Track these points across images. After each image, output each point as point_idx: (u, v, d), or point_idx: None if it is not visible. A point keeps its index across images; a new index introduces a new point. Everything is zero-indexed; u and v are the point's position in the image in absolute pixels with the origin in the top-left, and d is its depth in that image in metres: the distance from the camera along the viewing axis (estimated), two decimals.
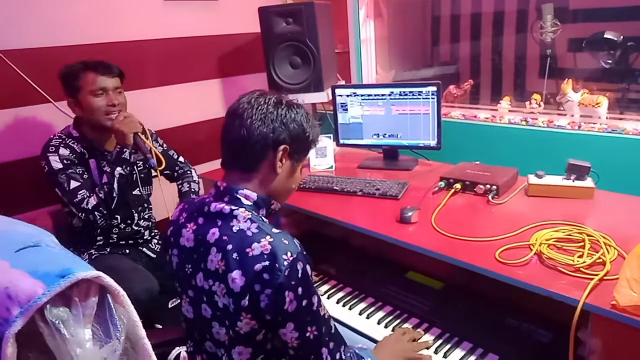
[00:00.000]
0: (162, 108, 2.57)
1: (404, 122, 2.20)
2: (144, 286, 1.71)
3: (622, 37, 2.51)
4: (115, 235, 1.97)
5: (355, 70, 2.82)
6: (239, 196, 1.09)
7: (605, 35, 2.49)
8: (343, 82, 2.73)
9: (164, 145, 2.15)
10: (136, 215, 2.03)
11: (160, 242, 2.15)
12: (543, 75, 2.79)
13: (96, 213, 1.77)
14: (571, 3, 2.90)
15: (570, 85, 2.13)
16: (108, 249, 1.96)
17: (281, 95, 1.14)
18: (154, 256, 2.08)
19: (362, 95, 2.25)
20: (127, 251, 2.00)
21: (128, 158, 1.80)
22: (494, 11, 3.28)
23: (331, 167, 2.27)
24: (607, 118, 2.01)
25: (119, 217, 1.94)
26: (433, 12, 3.46)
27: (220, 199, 1.11)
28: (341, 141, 2.36)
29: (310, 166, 2.28)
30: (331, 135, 2.34)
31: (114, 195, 1.77)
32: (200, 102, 2.75)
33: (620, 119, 2.01)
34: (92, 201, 1.76)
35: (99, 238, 1.94)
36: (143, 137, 1.87)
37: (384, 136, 2.27)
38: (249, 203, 1.09)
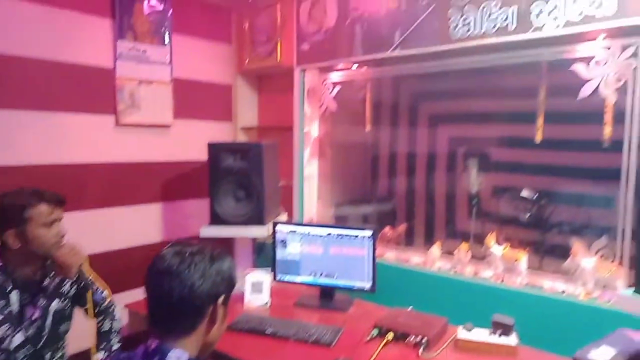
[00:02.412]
0: (97, 231, 2.50)
1: (340, 262, 2.25)
2: None
3: (536, 195, 2.82)
4: None
5: (297, 204, 2.92)
6: (170, 358, 1.03)
7: (522, 194, 2.79)
8: (285, 214, 2.80)
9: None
10: (49, 354, 1.82)
11: None
12: (472, 215, 3.02)
13: (19, 354, 1.58)
14: (494, 155, 3.26)
15: (493, 238, 2.30)
16: None
17: (207, 246, 1.15)
18: None
19: (301, 233, 2.30)
20: None
21: (68, 290, 1.69)
22: (427, 155, 3.61)
23: (266, 303, 2.23)
24: (527, 273, 2.15)
25: (46, 357, 1.74)
26: (373, 152, 3.75)
27: None
28: (278, 277, 2.35)
29: (244, 302, 2.23)
30: (269, 269, 2.34)
31: (44, 333, 1.61)
32: (137, 226, 2.70)
33: (539, 274, 2.15)
34: (17, 340, 1.58)
35: None
36: (86, 267, 1.77)
37: (320, 275, 2.29)
38: None
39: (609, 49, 1.86)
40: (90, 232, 2.44)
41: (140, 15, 2.60)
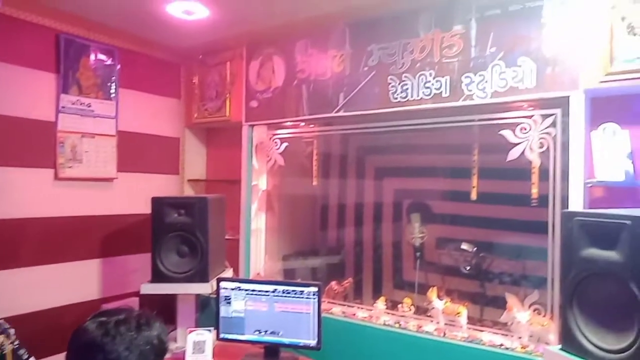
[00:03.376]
0: (31, 289, 2.37)
1: (286, 319, 2.22)
2: None
3: (475, 248, 2.94)
4: None
5: (244, 259, 2.89)
6: None
7: (462, 246, 2.90)
8: (231, 270, 2.76)
9: (16, 342, 1.91)
10: None
11: None
12: (417, 267, 3.10)
13: None
14: (435, 208, 3.40)
15: (435, 293, 2.37)
16: None
17: (134, 313, 1.12)
18: None
19: (246, 290, 2.27)
20: None
21: None
22: (374, 207, 3.70)
23: None
24: (467, 327, 2.22)
25: None
26: (322, 205, 3.81)
27: None
28: (222, 335, 2.29)
29: None
30: (212, 328, 2.27)
31: None
32: (75, 283, 2.58)
33: (479, 327, 2.22)
34: None
35: None
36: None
37: (265, 332, 2.25)
38: None
39: (531, 117, 2.04)
40: (24, 291, 2.31)
41: (86, 70, 2.60)
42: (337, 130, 2.74)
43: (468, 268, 2.97)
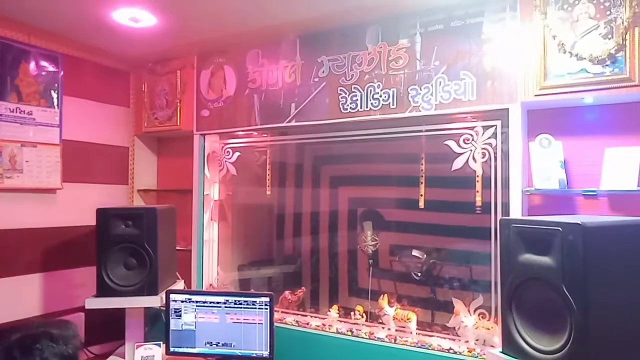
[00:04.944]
0: None
1: (238, 330, 2.21)
2: None
3: (425, 255, 3.02)
4: None
5: (195, 270, 2.84)
6: None
7: (413, 253, 2.97)
8: (182, 282, 2.71)
9: None
10: None
11: None
12: (372, 274, 3.14)
13: None
14: (387, 216, 3.47)
15: (386, 300, 2.41)
16: None
17: (45, 332, 1.08)
18: None
19: (197, 302, 2.24)
20: None
21: None
22: (329, 215, 3.73)
23: None
24: (417, 333, 2.27)
25: None
26: (277, 214, 3.80)
27: None
28: (172, 349, 2.25)
29: None
30: (161, 343, 2.22)
31: None
32: (12, 299, 2.45)
33: (428, 332, 2.28)
34: None
35: None
36: None
37: (217, 345, 2.22)
38: None
39: (474, 129, 2.13)
40: None
41: (26, 76, 2.49)
42: (290, 140, 2.76)
43: (419, 274, 3.05)
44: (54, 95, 2.62)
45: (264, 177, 2.96)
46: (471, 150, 2.13)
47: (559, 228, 1.39)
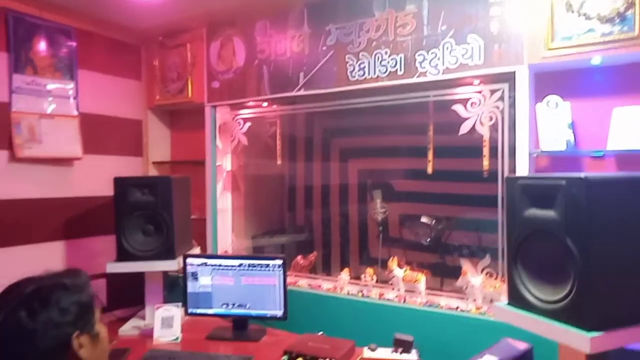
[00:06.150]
0: None
1: (252, 292, 2.29)
2: None
3: (434, 221, 3.08)
4: None
5: (210, 238, 2.92)
6: None
7: (421, 220, 3.04)
8: (198, 248, 2.80)
9: None
10: None
11: None
12: (382, 242, 3.23)
13: None
14: (396, 186, 3.53)
15: (395, 262, 2.48)
16: None
17: (23, 295, 1.05)
18: None
19: (212, 265, 2.33)
20: None
21: None
22: (340, 186, 3.80)
23: (177, 338, 2.20)
24: (425, 293, 2.34)
25: None
26: (288, 184, 3.88)
27: None
28: (190, 310, 2.34)
29: (154, 337, 2.18)
30: (179, 304, 2.31)
31: None
32: (36, 266, 2.54)
33: (437, 293, 2.35)
34: None
35: None
36: None
37: (233, 306, 2.31)
38: None
39: (481, 92, 2.15)
40: None
41: (40, 50, 2.54)
42: (299, 109, 2.79)
43: (428, 240, 3.11)
44: (69, 68, 2.67)
45: (274, 149, 3.01)
46: (478, 114, 2.16)
47: (563, 182, 1.42)
